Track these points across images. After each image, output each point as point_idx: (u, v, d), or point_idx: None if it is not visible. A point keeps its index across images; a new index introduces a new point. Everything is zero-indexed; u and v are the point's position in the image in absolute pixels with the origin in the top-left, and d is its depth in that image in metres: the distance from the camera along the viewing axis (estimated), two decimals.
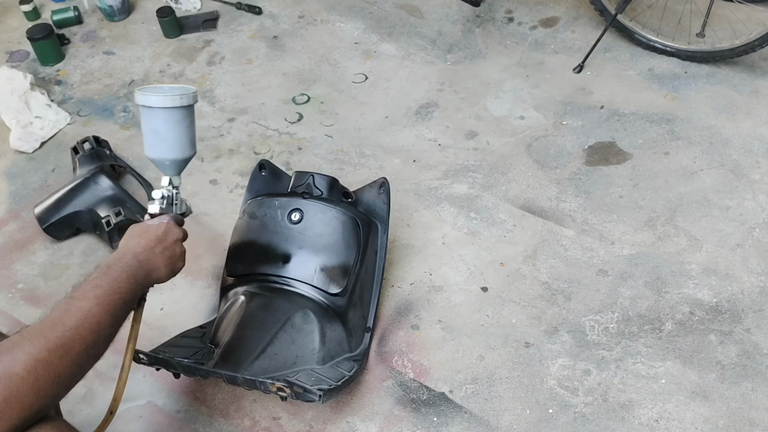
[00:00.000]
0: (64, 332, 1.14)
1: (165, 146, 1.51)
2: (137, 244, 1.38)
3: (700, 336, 1.82)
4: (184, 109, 1.49)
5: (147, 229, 1.42)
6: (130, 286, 1.29)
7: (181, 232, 1.48)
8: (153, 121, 1.50)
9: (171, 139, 1.51)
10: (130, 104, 2.64)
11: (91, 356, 1.18)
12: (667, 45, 2.58)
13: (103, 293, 1.23)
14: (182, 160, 1.55)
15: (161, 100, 1.46)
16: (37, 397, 1.08)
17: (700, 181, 2.18)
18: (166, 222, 1.46)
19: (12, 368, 1.06)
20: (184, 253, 1.47)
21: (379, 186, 1.90)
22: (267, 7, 3.01)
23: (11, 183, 2.40)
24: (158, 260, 1.38)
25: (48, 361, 1.09)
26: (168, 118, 1.48)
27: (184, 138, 1.52)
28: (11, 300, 2.05)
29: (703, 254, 1.99)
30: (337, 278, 1.76)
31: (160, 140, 1.51)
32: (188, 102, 1.49)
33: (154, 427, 1.75)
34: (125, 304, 1.27)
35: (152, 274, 1.37)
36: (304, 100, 2.61)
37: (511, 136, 2.39)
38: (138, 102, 1.49)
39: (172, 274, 1.43)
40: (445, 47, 2.76)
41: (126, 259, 1.33)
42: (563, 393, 1.74)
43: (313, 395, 1.48)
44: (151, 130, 1.51)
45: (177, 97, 1.47)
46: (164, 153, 1.52)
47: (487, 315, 1.91)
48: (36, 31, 2.79)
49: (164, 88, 1.56)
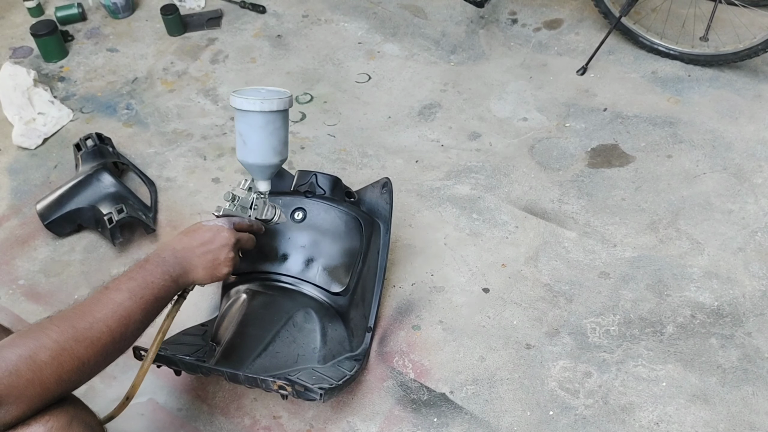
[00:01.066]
0: (93, 323, 1.15)
1: (247, 150, 1.49)
2: (180, 241, 1.37)
3: (702, 339, 1.82)
4: (268, 114, 1.45)
5: (197, 229, 1.41)
6: (164, 282, 1.29)
7: (234, 239, 1.43)
8: (238, 123, 1.48)
9: (252, 144, 1.48)
10: (133, 101, 2.64)
11: (118, 348, 1.20)
12: (670, 48, 2.58)
13: (137, 286, 1.23)
14: (265, 166, 1.52)
15: (244, 103, 1.43)
16: (59, 384, 1.10)
17: (703, 184, 2.18)
18: (220, 225, 1.43)
19: (37, 354, 1.08)
20: (232, 259, 1.43)
21: (382, 186, 1.90)
22: (271, 6, 3.02)
23: (13, 179, 2.40)
24: (197, 261, 1.36)
25: (73, 350, 1.11)
26: (250, 122, 1.46)
27: (266, 144, 1.49)
28: (12, 296, 2.05)
29: (705, 257, 1.99)
30: (339, 277, 1.76)
31: (243, 143, 1.49)
32: (272, 108, 1.45)
33: (155, 424, 1.75)
34: (157, 300, 1.27)
35: (189, 274, 1.35)
36: (307, 100, 2.61)
37: (514, 138, 2.39)
38: (231, 104, 1.47)
39: (212, 279, 1.40)
40: (448, 48, 2.76)
41: (164, 254, 1.33)
42: (564, 395, 1.74)
43: (314, 394, 1.48)
44: (237, 132, 1.50)
45: (258, 102, 1.43)
46: (246, 157, 1.50)
47: (489, 316, 1.91)
48: (40, 27, 2.79)
49: (260, 89, 1.52)
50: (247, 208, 1.53)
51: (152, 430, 1.75)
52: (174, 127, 2.53)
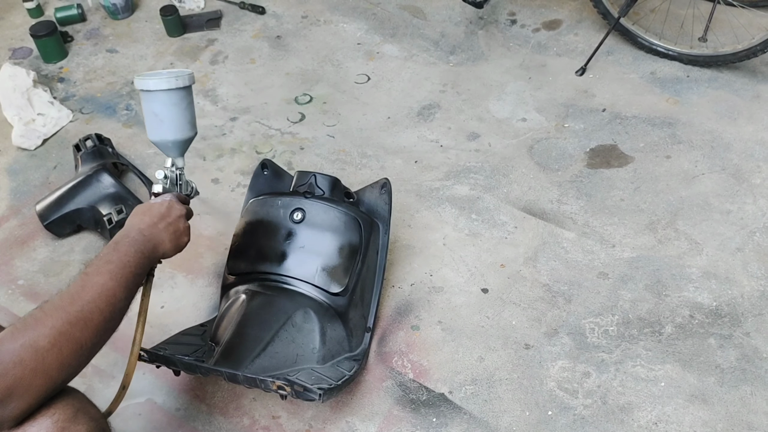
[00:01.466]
0: (83, 306, 1.20)
1: (165, 128, 1.56)
2: (141, 220, 1.42)
3: (700, 339, 1.82)
4: (180, 91, 1.54)
5: (150, 207, 1.47)
6: (139, 260, 1.34)
7: (185, 209, 1.52)
8: (152, 104, 1.55)
9: (170, 121, 1.56)
10: (132, 102, 2.65)
11: (109, 328, 1.25)
12: (669, 49, 2.58)
13: (115, 267, 1.29)
14: (183, 140, 1.59)
15: (158, 83, 1.51)
16: (61, 369, 1.14)
17: (701, 185, 2.18)
18: (169, 199, 1.50)
19: (37, 342, 1.11)
20: (188, 228, 1.51)
21: (381, 186, 1.91)
22: (270, 6, 3.02)
23: (13, 179, 2.40)
24: (163, 235, 1.43)
25: (70, 333, 1.15)
26: (166, 100, 1.53)
27: (183, 119, 1.57)
28: (11, 296, 2.06)
29: (704, 258, 1.99)
30: (338, 278, 1.77)
31: (159, 122, 1.56)
32: (184, 83, 1.54)
33: (154, 424, 1.75)
34: (135, 277, 1.33)
35: (158, 248, 1.42)
36: (306, 100, 2.61)
37: (512, 138, 2.39)
38: (137, 86, 1.54)
39: (177, 249, 1.47)
40: (447, 49, 2.76)
41: (132, 234, 1.38)
42: (563, 395, 1.74)
43: (313, 394, 1.49)
44: (150, 113, 1.56)
45: (173, 79, 1.52)
46: (165, 135, 1.57)
47: (488, 316, 1.91)
48: (39, 28, 2.80)
49: (161, 72, 1.62)
50: (175, 185, 1.61)
51: (150, 430, 1.75)
52: None
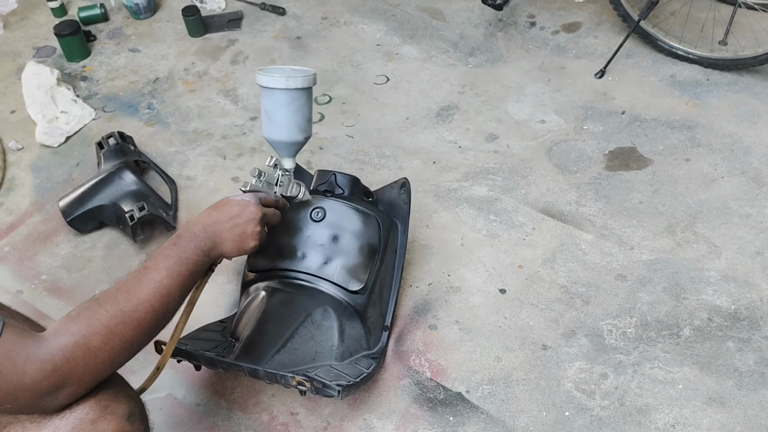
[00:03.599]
0: (138, 305, 1.20)
1: (274, 127, 1.54)
2: (209, 215, 1.40)
3: (718, 342, 1.82)
4: (293, 92, 1.50)
5: (225, 203, 1.44)
6: (197, 256, 1.32)
7: (260, 213, 1.46)
8: (265, 101, 1.52)
9: (280, 121, 1.53)
10: (154, 101, 2.68)
11: (159, 326, 1.25)
12: (689, 52, 2.58)
13: (173, 264, 1.27)
14: (291, 143, 1.56)
15: (270, 80, 1.48)
16: (111, 365, 1.17)
17: (721, 188, 2.18)
18: (248, 199, 1.46)
19: (90, 340, 1.13)
20: (258, 233, 1.45)
21: (400, 186, 1.92)
22: (291, 8, 3.04)
23: (36, 176, 2.44)
24: (226, 234, 1.39)
25: (123, 333, 1.17)
26: (278, 99, 1.50)
27: (292, 121, 1.53)
28: (34, 291, 2.09)
29: (723, 261, 1.99)
30: (357, 276, 1.78)
31: (269, 120, 1.53)
32: (296, 85, 1.49)
33: (174, 419, 1.77)
34: (192, 275, 1.31)
35: (218, 247, 1.38)
36: (326, 101, 2.63)
37: (531, 140, 2.39)
38: (257, 81, 1.51)
39: (239, 252, 1.43)
40: (466, 50, 2.77)
41: (195, 229, 1.36)
42: (580, 396, 1.74)
43: (332, 390, 1.50)
44: (264, 110, 1.54)
45: (284, 79, 1.48)
46: (273, 134, 1.55)
47: (505, 317, 1.92)
48: (63, 27, 2.83)
49: (284, 68, 1.57)
50: (273, 185, 1.56)
51: (170, 424, 1.77)
52: (194, 126, 2.56)
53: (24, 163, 2.49)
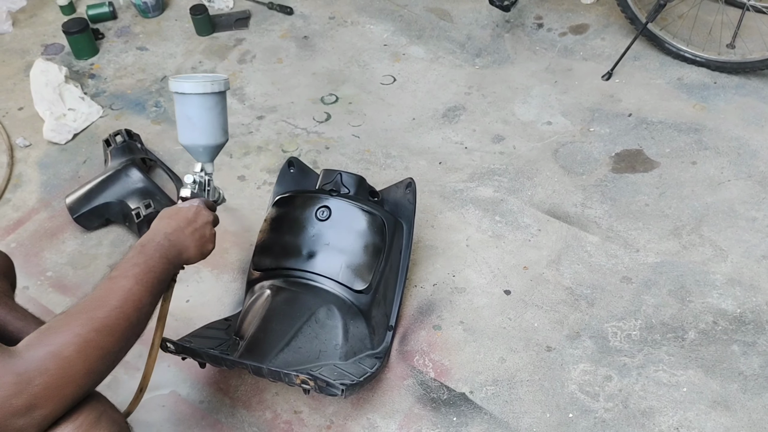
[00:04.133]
0: (110, 312, 1.17)
1: (197, 132, 1.56)
2: (167, 225, 1.41)
3: (723, 346, 1.81)
4: (215, 96, 1.54)
5: (178, 211, 1.45)
6: (164, 264, 1.33)
7: (212, 216, 1.50)
8: (185, 107, 1.55)
9: (202, 125, 1.55)
10: (162, 99, 2.69)
11: (135, 333, 1.23)
12: (697, 55, 2.57)
13: (141, 271, 1.27)
14: (214, 146, 1.59)
15: (193, 86, 1.51)
16: (88, 376, 1.13)
17: (727, 191, 2.17)
18: (197, 205, 1.49)
19: (63, 350, 1.09)
20: (214, 235, 1.49)
21: (406, 186, 1.92)
22: (298, 7, 3.05)
23: (43, 173, 2.45)
24: (188, 240, 1.41)
25: (96, 340, 1.13)
26: (200, 104, 1.53)
27: (215, 124, 1.56)
28: (40, 287, 2.09)
29: (728, 264, 1.98)
30: (361, 275, 1.78)
31: (192, 126, 1.55)
32: (219, 89, 1.54)
33: (177, 416, 1.78)
34: (160, 283, 1.31)
35: (183, 254, 1.40)
36: (332, 100, 2.63)
37: (537, 141, 2.39)
38: (171, 88, 1.54)
39: (202, 256, 1.45)
40: (473, 51, 2.77)
41: (157, 238, 1.37)
42: (584, 398, 1.74)
43: (336, 389, 1.50)
44: (184, 116, 1.56)
45: (208, 84, 1.52)
46: (196, 139, 1.57)
47: (510, 318, 1.92)
48: (71, 25, 2.85)
49: (197, 75, 1.62)
50: (203, 190, 1.59)
51: (174, 421, 1.77)
52: None
53: (31, 160, 2.50)
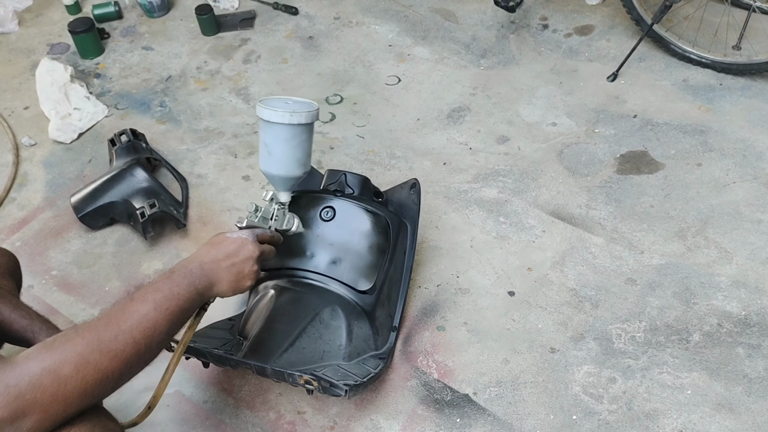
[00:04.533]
0: (118, 335, 1.12)
1: (272, 161, 1.49)
2: (206, 253, 1.34)
3: (728, 348, 1.81)
4: (295, 127, 1.45)
5: (222, 241, 1.38)
6: (190, 294, 1.27)
7: (258, 252, 1.41)
8: (264, 134, 1.48)
9: (278, 155, 1.48)
10: (167, 99, 2.69)
11: (142, 360, 1.17)
12: (702, 56, 2.56)
13: (162, 297, 1.21)
14: (288, 178, 1.52)
15: (271, 114, 1.43)
16: (83, 397, 1.08)
17: (733, 193, 2.17)
18: (244, 237, 1.41)
19: (61, 368, 1.06)
20: (255, 272, 1.41)
21: (410, 187, 1.92)
22: (303, 7, 3.05)
23: (48, 172, 2.45)
24: (223, 273, 1.34)
25: (97, 362, 1.09)
26: (277, 134, 1.45)
27: (290, 156, 1.48)
28: (45, 286, 2.10)
29: (733, 267, 1.98)
30: (366, 276, 1.78)
31: (267, 153, 1.48)
32: (300, 120, 1.44)
33: (181, 415, 1.78)
34: (182, 312, 1.25)
35: (214, 287, 1.33)
36: (337, 101, 2.64)
37: (542, 142, 2.39)
38: (257, 113, 1.46)
39: (235, 291, 1.38)
40: (478, 52, 2.77)
41: (191, 266, 1.30)
42: (588, 400, 1.74)
43: (339, 390, 1.50)
44: (263, 143, 1.49)
45: (287, 114, 1.43)
46: (271, 168, 1.50)
47: (514, 319, 1.91)
48: (77, 24, 2.85)
49: (288, 100, 1.51)
50: (269, 219, 1.53)
51: (178, 421, 1.78)
52: (206, 125, 2.57)
53: (36, 159, 2.50)
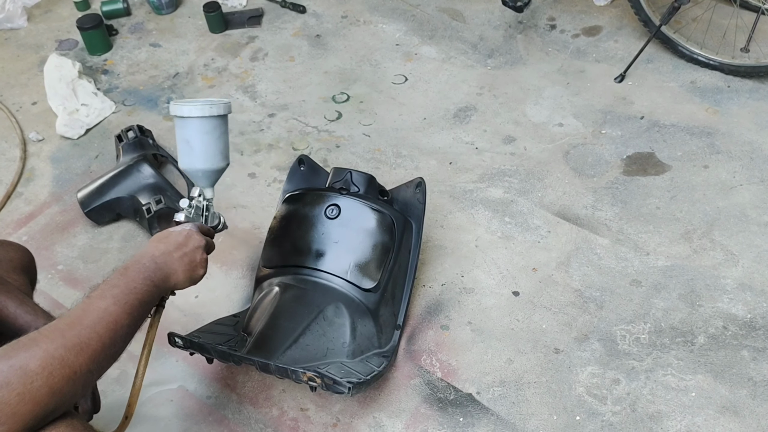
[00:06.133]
0: (81, 330, 1.14)
1: (195, 156, 1.52)
2: (155, 248, 1.37)
3: (733, 351, 1.80)
4: (214, 119, 1.50)
5: (168, 235, 1.41)
6: (147, 287, 1.28)
7: (204, 240, 1.45)
8: (184, 131, 1.51)
9: (201, 149, 1.51)
10: (174, 96, 2.70)
11: (108, 355, 1.18)
12: (710, 58, 2.55)
13: (120, 293, 1.23)
14: (213, 170, 1.55)
15: (191, 110, 1.48)
16: (52, 395, 1.07)
17: (739, 195, 2.16)
18: (189, 229, 1.44)
19: (27, 365, 1.05)
20: (205, 261, 1.44)
21: (416, 186, 1.92)
22: (311, 6, 3.05)
23: (55, 167, 2.46)
24: (176, 265, 1.36)
25: (63, 358, 1.09)
26: (198, 128, 1.49)
27: (214, 148, 1.52)
28: (51, 281, 2.11)
29: (739, 269, 1.97)
30: (370, 274, 1.78)
31: (190, 150, 1.52)
32: (218, 112, 1.50)
33: (185, 411, 1.78)
34: (141, 305, 1.27)
35: (170, 278, 1.36)
36: (343, 99, 2.64)
37: (549, 143, 2.39)
38: (171, 112, 1.51)
39: (190, 281, 1.41)
40: (486, 52, 2.77)
41: (143, 261, 1.33)
42: (591, 401, 1.73)
43: (343, 387, 1.50)
44: (183, 140, 1.52)
45: (207, 107, 1.48)
46: (194, 163, 1.53)
47: (518, 319, 1.91)
48: (85, 20, 2.86)
49: (198, 100, 1.57)
50: (200, 215, 1.55)
51: (181, 416, 1.78)
52: None
53: (44, 154, 2.51)
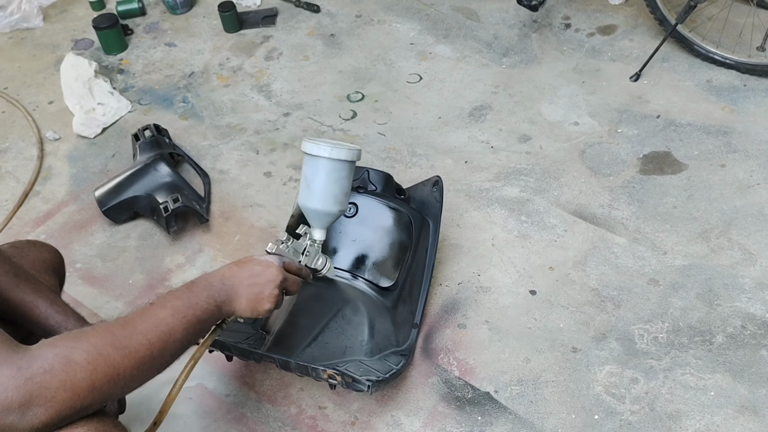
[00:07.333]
0: (133, 334, 1.13)
1: (310, 194, 1.52)
2: (229, 269, 1.35)
3: (752, 350, 1.79)
4: (337, 162, 1.50)
5: (248, 260, 1.39)
6: (209, 305, 1.27)
7: (282, 277, 1.39)
8: (307, 167, 1.52)
9: (317, 189, 1.51)
10: (189, 95, 2.71)
11: (155, 365, 1.17)
12: (726, 57, 2.54)
13: (181, 305, 1.22)
14: (323, 213, 1.54)
15: (315, 148, 1.48)
16: (91, 390, 1.07)
17: (757, 195, 2.15)
18: (270, 261, 1.40)
19: (72, 355, 1.05)
20: (275, 297, 1.38)
21: (433, 184, 1.92)
22: (325, 5, 3.06)
23: (73, 166, 2.48)
24: (242, 290, 1.33)
25: (110, 356, 1.09)
26: (319, 167, 1.50)
27: (329, 191, 1.52)
28: (69, 279, 2.09)
29: (757, 268, 1.97)
30: (388, 273, 1.78)
31: (307, 187, 1.52)
32: (340, 156, 1.49)
33: (203, 409, 1.79)
34: (200, 322, 1.25)
35: (233, 302, 1.32)
36: (358, 98, 2.64)
37: (564, 142, 2.38)
38: (302, 149, 1.51)
39: (252, 312, 1.36)
40: (500, 51, 2.77)
41: (212, 279, 1.31)
42: (610, 400, 1.73)
43: (362, 385, 1.51)
44: (304, 176, 1.53)
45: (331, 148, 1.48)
46: (308, 201, 1.53)
47: (535, 318, 1.91)
48: (101, 20, 2.88)
49: (330, 141, 1.57)
50: (299, 253, 1.54)
51: (200, 414, 1.79)
52: (228, 121, 2.59)
53: (61, 153, 2.53)
